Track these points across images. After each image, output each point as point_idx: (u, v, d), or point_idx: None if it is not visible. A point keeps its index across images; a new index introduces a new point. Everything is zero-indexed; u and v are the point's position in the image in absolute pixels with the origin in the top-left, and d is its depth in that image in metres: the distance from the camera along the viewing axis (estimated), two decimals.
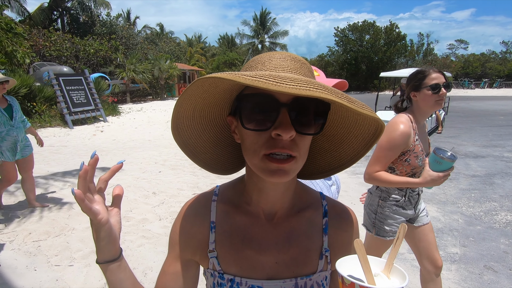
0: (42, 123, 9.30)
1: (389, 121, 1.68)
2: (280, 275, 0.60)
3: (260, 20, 41.04)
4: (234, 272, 0.60)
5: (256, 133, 0.50)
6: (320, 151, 0.64)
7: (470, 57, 40.46)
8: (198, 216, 0.63)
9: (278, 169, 0.50)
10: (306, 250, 0.61)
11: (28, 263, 2.60)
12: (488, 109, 15.32)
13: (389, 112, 8.08)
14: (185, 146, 0.61)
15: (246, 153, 0.54)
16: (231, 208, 0.63)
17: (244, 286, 0.59)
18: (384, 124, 0.53)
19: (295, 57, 0.54)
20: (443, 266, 2.67)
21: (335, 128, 0.60)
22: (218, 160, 0.66)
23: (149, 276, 2.48)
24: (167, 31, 38.44)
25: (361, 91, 34.70)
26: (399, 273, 0.46)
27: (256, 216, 0.62)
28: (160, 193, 4.24)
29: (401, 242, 0.47)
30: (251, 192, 0.61)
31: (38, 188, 4.34)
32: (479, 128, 9.92)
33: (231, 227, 0.62)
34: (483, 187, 4.60)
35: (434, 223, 3.50)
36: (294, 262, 0.60)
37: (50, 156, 6.32)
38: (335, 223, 0.64)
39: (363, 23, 34.74)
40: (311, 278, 0.60)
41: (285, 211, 0.62)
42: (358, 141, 0.59)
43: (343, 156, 0.62)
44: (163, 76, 18.19)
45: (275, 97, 0.48)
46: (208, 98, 0.54)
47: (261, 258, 0.60)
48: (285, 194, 0.61)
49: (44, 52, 14.80)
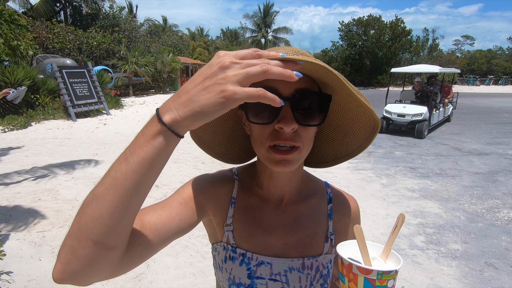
0: (46, 116, 9.34)
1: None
2: (288, 254, 0.63)
3: (263, 14, 40.64)
4: (246, 247, 0.63)
5: (261, 126, 0.53)
6: (328, 140, 0.68)
7: (476, 53, 39.90)
8: (227, 184, 0.66)
9: (282, 160, 0.53)
10: (313, 233, 0.65)
11: (33, 253, 2.64)
12: (493, 106, 15.17)
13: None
14: (201, 142, 0.66)
15: (254, 144, 0.57)
16: (247, 189, 0.67)
17: (254, 261, 0.62)
18: (379, 120, 0.56)
19: (298, 51, 0.55)
20: (444, 262, 2.69)
21: (340, 118, 0.63)
22: (231, 150, 0.71)
23: (152, 267, 2.52)
24: (170, 24, 38.18)
25: (365, 86, 34.45)
26: (395, 258, 0.49)
27: (267, 199, 0.65)
28: (162, 186, 4.27)
29: (399, 230, 0.49)
30: (262, 177, 0.65)
31: (42, 180, 4.38)
32: (484, 125, 9.84)
33: (246, 206, 0.65)
34: (486, 185, 4.59)
35: (435, 219, 3.51)
36: (301, 244, 0.63)
37: (53, 148, 6.36)
38: (339, 209, 0.68)
39: (368, 18, 34.30)
40: (317, 260, 0.63)
41: (292, 196, 0.66)
42: (361, 133, 0.62)
43: (349, 146, 0.65)
44: (165, 69, 18.13)
45: (278, 91, 0.50)
46: None
47: (270, 239, 0.63)
48: (292, 180, 0.64)
49: (47, 44, 14.78)
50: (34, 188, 4.07)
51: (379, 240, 3.04)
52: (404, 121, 7.94)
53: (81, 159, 5.54)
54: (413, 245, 2.97)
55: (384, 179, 4.85)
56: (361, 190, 4.39)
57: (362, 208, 3.77)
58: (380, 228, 3.29)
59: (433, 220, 3.48)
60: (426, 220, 3.50)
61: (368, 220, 3.44)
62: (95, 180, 4.42)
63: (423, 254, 2.83)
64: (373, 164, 5.57)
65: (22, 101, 9.08)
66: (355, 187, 4.47)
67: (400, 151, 6.63)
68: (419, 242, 3.03)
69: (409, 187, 4.52)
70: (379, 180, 4.80)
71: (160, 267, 2.53)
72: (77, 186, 4.20)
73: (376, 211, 3.69)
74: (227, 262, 0.63)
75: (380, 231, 3.22)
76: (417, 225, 3.38)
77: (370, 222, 3.40)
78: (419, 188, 4.46)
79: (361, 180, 4.78)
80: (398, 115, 8.02)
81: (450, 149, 6.80)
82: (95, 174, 4.70)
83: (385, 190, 4.40)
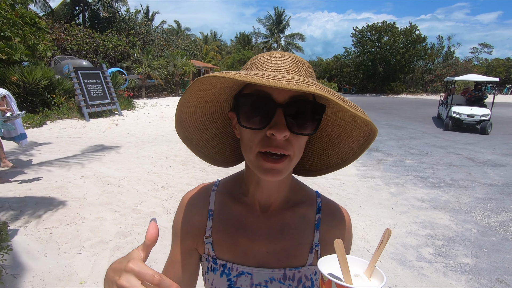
0: (60, 115, 9.61)
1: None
2: (270, 264, 0.61)
3: (275, 19, 40.84)
4: (227, 258, 0.62)
5: (253, 131, 0.52)
6: (318, 149, 0.66)
7: (494, 62, 38.87)
8: (198, 205, 0.67)
9: (272, 169, 0.52)
10: (297, 243, 0.63)
11: (40, 248, 2.69)
12: (510, 116, 14.70)
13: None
14: (186, 140, 0.64)
15: (243, 149, 0.56)
16: (229, 198, 0.66)
17: (235, 271, 0.61)
18: (376, 128, 0.54)
19: (295, 57, 0.55)
20: (453, 276, 2.59)
21: (332, 128, 0.62)
22: (219, 153, 0.69)
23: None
24: (183, 28, 38.86)
25: (377, 93, 34.03)
26: (379, 275, 0.46)
27: (252, 206, 0.64)
28: (169, 188, 4.30)
29: (384, 246, 0.47)
30: (248, 184, 0.64)
31: (53, 177, 4.49)
32: (500, 136, 9.53)
33: (228, 216, 0.64)
34: (500, 197, 4.42)
35: (445, 231, 3.40)
36: (284, 253, 0.62)
37: (66, 147, 6.53)
38: (328, 220, 0.66)
39: (382, 24, 33.99)
40: (300, 271, 0.61)
41: (279, 204, 0.64)
42: (354, 143, 0.60)
43: (340, 155, 0.64)
44: (178, 72, 18.42)
45: (272, 97, 0.50)
46: (209, 96, 0.57)
47: (253, 246, 0.62)
48: (280, 188, 0.63)
49: (65, 46, 15.27)
50: (45, 185, 4.17)
51: (385, 251, 2.96)
52: (473, 120, 9.89)
53: (92, 158, 5.66)
54: (421, 257, 2.88)
55: (393, 187, 4.74)
56: (369, 198, 4.30)
57: (369, 217, 3.69)
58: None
59: (442, 232, 3.37)
60: (435, 231, 3.39)
61: (375, 230, 3.36)
62: (103, 179, 4.50)
63: (431, 266, 2.74)
64: (383, 172, 5.46)
65: (39, 100, 9.39)
66: (363, 195, 4.38)
67: (411, 159, 6.49)
68: (427, 254, 2.93)
69: (419, 197, 4.40)
70: (388, 188, 4.70)
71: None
72: (86, 184, 4.28)
73: (384, 221, 3.60)
74: (209, 273, 0.63)
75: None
76: (426, 236, 3.28)
77: (376, 232, 3.32)
78: (429, 198, 4.34)
79: (369, 188, 4.69)
80: (468, 115, 9.93)
81: (463, 159, 6.60)
82: (104, 173, 4.78)
83: (393, 199, 4.30)
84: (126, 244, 2.85)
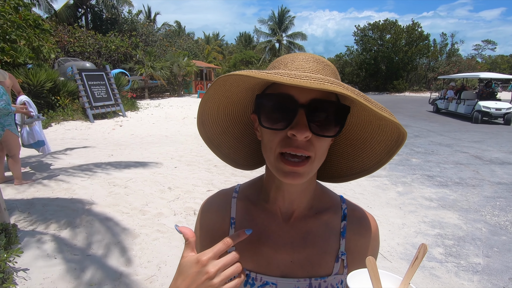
0: (65, 116, 9.65)
1: None
2: (295, 274, 0.60)
3: (278, 19, 40.73)
4: (250, 267, 0.60)
5: (273, 131, 0.51)
6: (343, 155, 0.65)
7: (498, 59, 38.59)
8: (220, 212, 0.65)
9: (292, 171, 0.51)
10: (322, 252, 0.61)
11: (49, 251, 2.69)
12: None
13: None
14: (209, 141, 0.64)
15: (264, 150, 0.55)
16: (250, 205, 0.64)
17: (259, 281, 0.59)
18: (405, 132, 0.52)
19: (319, 58, 0.54)
20: (465, 276, 2.56)
21: (358, 132, 0.60)
22: (241, 155, 0.68)
23: (163, 270, 2.52)
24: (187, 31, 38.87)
25: (380, 91, 33.88)
26: None
27: (274, 214, 0.62)
28: (175, 189, 4.30)
29: (420, 262, 0.45)
30: (269, 189, 0.62)
31: (59, 179, 4.51)
32: (507, 133, 9.45)
33: (250, 224, 0.63)
34: (510, 196, 4.37)
35: (455, 231, 3.36)
36: (309, 263, 0.60)
37: (71, 148, 6.55)
38: (354, 227, 0.63)
39: (384, 22, 33.81)
40: (326, 280, 0.59)
41: (302, 211, 0.62)
42: (381, 148, 0.58)
43: (366, 162, 0.62)
44: (180, 73, 18.44)
45: (294, 97, 0.49)
46: (231, 96, 0.57)
47: (276, 256, 0.60)
48: (303, 194, 0.61)
49: (69, 48, 15.32)
50: (52, 187, 4.19)
51: (395, 251, 2.94)
52: (501, 113, 11.22)
53: (97, 159, 5.68)
54: (431, 257, 2.85)
55: (400, 187, 4.71)
56: (376, 197, 4.27)
57: (376, 217, 3.67)
58: (396, 238, 3.18)
59: (452, 232, 3.34)
60: (445, 231, 3.36)
61: (384, 229, 3.33)
62: (110, 180, 4.51)
63: (442, 267, 2.71)
64: (389, 171, 5.43)
65: (44, 102, 9.44)
66: (370, 195, 4.35)
67: (417, 158, 6.44)
68: (438, 254, 2.91)
69: (427, 196, 4.37)
70: (395, 188, 4.67)
71: (171, 270, 2.53)
72: (92, 186, 4.29)
73: (392, 220, 3.58)
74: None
75: (396, 241, 3.11)
76: (436, 236, 3.25)
77: (385, 232, 3.29)
78: (437, 198, 4.30)
79: (376, 187, 4.66)
80: (496, 109, 11.23)
81: (470, 157, 6.55)
82: (110, 175, 4.79)
83: (401, 198, 4.27)
84: (134, 245, 2.85)
